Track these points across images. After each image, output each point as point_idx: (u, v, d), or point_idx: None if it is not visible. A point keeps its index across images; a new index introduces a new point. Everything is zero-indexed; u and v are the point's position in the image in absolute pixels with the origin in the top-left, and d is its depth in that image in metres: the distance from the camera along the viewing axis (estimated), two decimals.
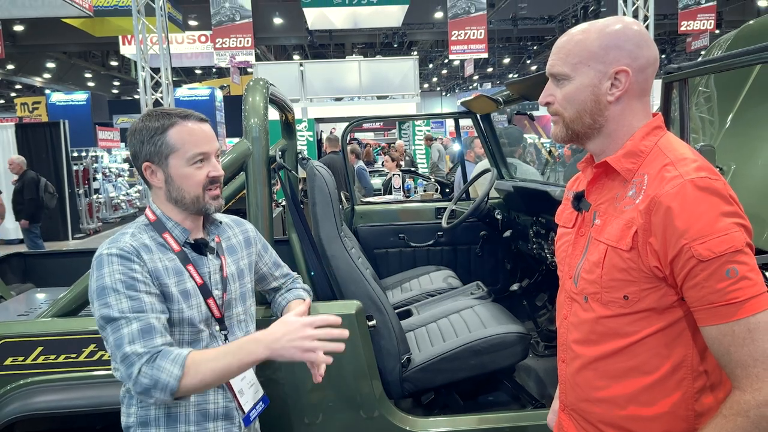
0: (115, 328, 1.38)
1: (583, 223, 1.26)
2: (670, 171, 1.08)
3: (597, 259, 1.16)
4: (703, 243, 1.02)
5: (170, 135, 1.48)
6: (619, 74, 1.15)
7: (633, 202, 1.12)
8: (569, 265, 1.28)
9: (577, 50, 1.17)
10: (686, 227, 1.03)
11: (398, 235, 3.71)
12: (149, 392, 1.37)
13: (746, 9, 17.93)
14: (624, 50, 1.15)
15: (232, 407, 1.56)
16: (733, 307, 1.01)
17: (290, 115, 2.80)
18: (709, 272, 1.02)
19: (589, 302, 1.19)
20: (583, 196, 1.27)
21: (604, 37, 1.15)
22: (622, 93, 1.16)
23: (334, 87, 14.29)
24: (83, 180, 12.58)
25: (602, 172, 1.23)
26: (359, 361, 2.04)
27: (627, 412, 1.16)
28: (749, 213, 2.54)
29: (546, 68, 1.25)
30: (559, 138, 1.24)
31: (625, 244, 1.10)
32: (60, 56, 22.70)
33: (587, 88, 1.16)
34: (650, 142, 1.17)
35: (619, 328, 1.15)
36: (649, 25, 9.23)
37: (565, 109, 1.20)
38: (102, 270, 1.42)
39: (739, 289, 1.01)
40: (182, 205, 1.52)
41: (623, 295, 1.13)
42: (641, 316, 1.12)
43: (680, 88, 1.74)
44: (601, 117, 1.18)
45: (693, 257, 1.02)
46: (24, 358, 1.91)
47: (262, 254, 1.78)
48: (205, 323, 1.53)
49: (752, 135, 2.67)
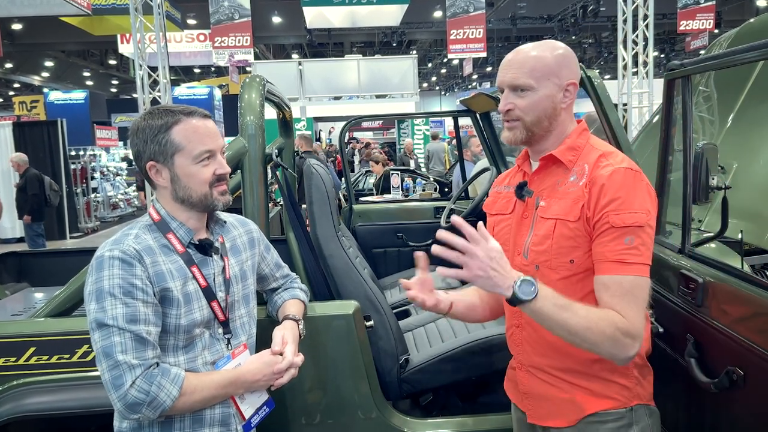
0: (106, 335, 1.36)
1: (526, 207, 1.49)
2: (604, 161, 1.39)
3: (546, 233, 1.41)
4: (618, 215, 1.32)
5: (174, 133, 1.45)
6: (570, 86, 1.44)
7: (577, 184, 1.39)
8: (515, 244, 1.50)
9: (540, 66, 1.42)
10: (609, 201, 1.33)
11: (396, 235, 3.69)
12: (138, 408, 1.35)
13: (745, 8, 17.93)
14: (571, 68, 1.45)
15: (230, 413, 1.52)
16: (623, 265, 1.31)
17: (287, 112, 2.78)
18: (615, 236, 1.32)
19: (540, 269, 1.42)
20: (525, 185, 1.50)
21: (558, 58, 1.43)
22: (570, 102, 1.46)
23: (332, 86, 14.28)
24: (81, 179, 12.56)
25: (546, 164, 1.48)
26: (357, 362, 2.02)
27: (577, 357, 1.41)
28: (751, 211, 2.52)
29: (502, 81, 1.47)
30: (517, 140, 1.47)
31: (574, 215, 1.37)
32: (58, 55, 22.66)
33: (548, 97, 1.42)
34: (583, 139, 1.47)
35: (565, 289, 1.36)
36: (649, 24, 9.19)
37: (526, 114, 1.43)
38: (101, 272, 1.39)
39: (631, 254, 1.31)
40: (189, 203, 1.49)
41: (570, 260, 1.39)
42: (583, 277, 1.39)
43: (683, 85, 1.72)
44: (555, 121, 1.45)
45: (608, 222, 1.32)
46: (16, 358, 1.88)
47: (265, 255, 1.75)
48: (206, 326, 1.51)
49: (754, 134, 2.65)
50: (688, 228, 1.78)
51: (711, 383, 1.51)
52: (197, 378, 1.44)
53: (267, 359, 1.52)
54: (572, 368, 1.43)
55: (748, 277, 1.50)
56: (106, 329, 1.35)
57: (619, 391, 1.41)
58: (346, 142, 17.48)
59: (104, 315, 1.36)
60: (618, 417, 1.40)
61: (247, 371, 1.50)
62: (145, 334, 1.37)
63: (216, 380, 1.46)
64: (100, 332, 1.36)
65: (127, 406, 1.34)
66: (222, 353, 1.53)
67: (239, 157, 2.00)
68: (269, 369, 1.51)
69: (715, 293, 1.60)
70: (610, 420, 1.40)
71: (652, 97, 9.19)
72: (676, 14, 14.52)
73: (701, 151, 1.74)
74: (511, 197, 1.56)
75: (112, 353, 1.34)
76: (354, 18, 14.28)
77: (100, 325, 1.36)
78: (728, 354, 1.49)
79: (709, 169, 1.75)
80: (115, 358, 1.34)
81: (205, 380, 1.44)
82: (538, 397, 1.50)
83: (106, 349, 1.35)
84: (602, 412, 1.41)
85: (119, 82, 28.81)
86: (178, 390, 1.37)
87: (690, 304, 1.68)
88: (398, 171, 6.70)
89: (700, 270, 1.68)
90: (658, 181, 1.97)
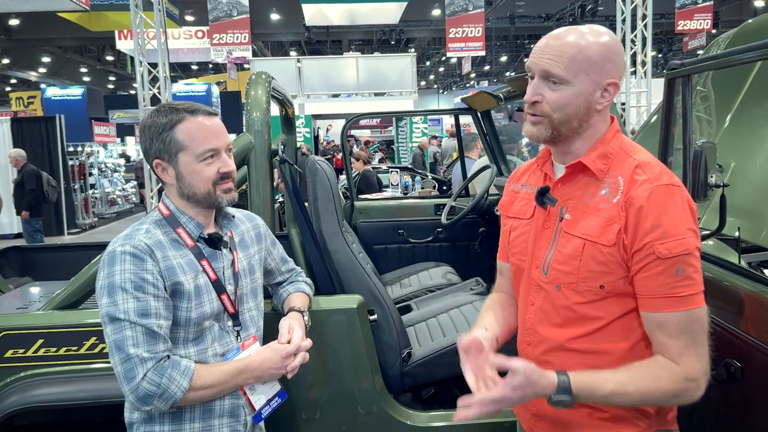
0: (118, 329, 1.38)
1: (548, 216, 1.33)
2: (640, 175, 1.22)
3: (572, 252, 1.25)
4: (664, 244, 1.16)
5: (178, 131, 1.46)
6: (610, 86, 1.24)
7: (609, 201, 1.23)
8: (533, 256, 1.35)
9: (581, 58, 1.21)
10: (652, 227, 1.18)
11: (397, 231, 3.72)
12: (149, 400, 1.38)
13: (743, 9, 17.99)
14: (615, 64, 1.24)
15: (239, 404, 1.55)
16: (677, 300, 1.17)
17: (290, 109, 2.80)
18: (663, 268, 1.17)
19: (563, 290, 1.28)
20: (547, 191, 1.33)
21: (602, 49, 1.22)
22: (607, 104, 1.25)
23: (331, 83, 14.28)
24: (79, 175, 12.54)
25: (573, 171, 1.30)
26: (360, 356, 2.05)
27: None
28: (749, 210, 2.55)
29: (533, 64, 1.26)
30: (540, 138, 1.28)
31: (608, 240, 1.21)
32: (55, 51, 22.58)
33: (583, 95, 1.23)
34: (616, 144, 1.28)
35: (589, 313, 1.26)
36: (648, 24, 9.23)
37: (555, 111, 1.24)
38: (113, 267, 1.41)
39: (684, 286, 1.17)
40: (194, 200, 1.51)
41: (600, 285, 1.24)
42: (612, 301, 1.24)
43: (683, 85, 1.75)
44: (586, 123, 1.26)
45: (653, 253, 1.17)
46: (24, 350, 1.90)
47: (271, 250, 1.78)
48: (215, 318, 1.53)
49: (752, 134, 2.68)
50: None
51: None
52: (207, 369, 1.46)
53: (275, 347, 1.55)
54: None
55: (747, 272, 1.54)
56: (118, 323, 1.38)
57: (639, 417, 1.29)
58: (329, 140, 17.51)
59: (116, 309, 1.38)
60: None
61: (255, 360, 1.52)
62: (156, 327, 1.39)
63: (225, 370, 1.49)
64: (112, 326, 1.39)
65: (138, 398, 1.37)
66: (231, 345, 1.55)
67: (245, 153, 2.03)
68: (278, 356, 1.53)
69: (713, 288, 1.63)
70: None
71: (650, 96, 9.24)
72: (674, 14, 14.57)
73: (700, 149, 1.77)
74: (530, 200, 1.40)
75: (123, 347, 1.37)
76: (353, 15, 14.28)
77: (112, 319, 1.39)
78: (725, 347, 1.52)
79: (707, 167, 1.78)
80: (126, 352, 1.37)
81: (214, 371, 1.47)
82: (551, 420, 1.36)
83: (118, 343, 1.38)
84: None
85: (116, 79, 28.74)
86: (189, 382, 1.41)
87: None
88: (397, 169, 6.71)
89: None
90: None
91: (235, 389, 1.53)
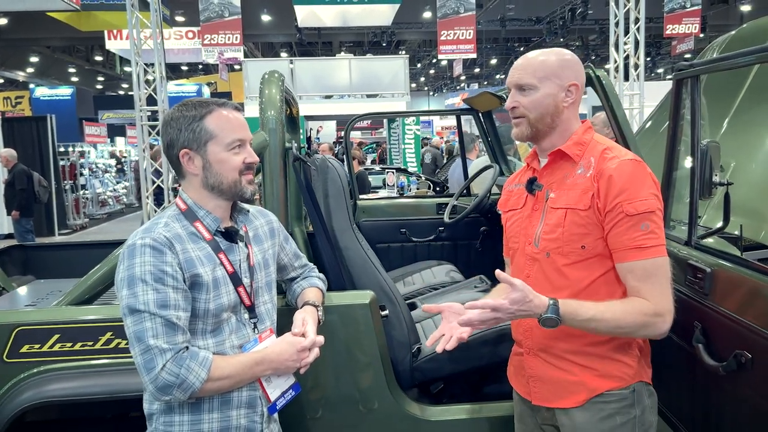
0: (138, 320, 1.41)
1: (536, 200, 1.61)
2: (609, 153, 1.52)
3: (557, 221, 1.53)
4: (631, 203, 1.43)
5: (208, 121, 1.51)
6: (571, 87, 1.56)
7: (584, 176, 1.51)
8: (526, 235, 1.62)
9: (543, 67, 1.55)
10: (620, 191, 1.44)
11: (400, 230, 3.75)
12: (169, 390, 1.40)
13: (730, 13, 18.22)
14: (572, 70, 1.57)
15: (256, 396, 1.58)
16: (644, 250, 1.43)
17: (294, 109, 2.83)
18: (631, 224, 1.43)
19: (551, 256, 1.54)
20: (535, 180, 1.62)
21: (560, 61, 1.56)
22: (572, 102, 1.57)
23: (324, 85, 14.27)
24: (70, 175, 12.46)
25: (554, 159, 1.60)
26: (373, 350, 2.07)
27: (586, 338, 1.52)
28: (749, 208, 2.61)
29: (509, 81, 1.60)
30: (523, 135, 1.60)
31: (584, 204, 1.48)
32: (44, 50, 22.38)
33: (550, 96, 1.54)
34: (588, 136, 1.59)
35: (574, 274, 1.51)
36: (640, 28, 9.33)
37: (530, 111, 1.56)
38: (133, 260, 1.44)
39: (648, 238, 1.43)
40: (218, 191, 1.54)
41: (581, 245, 1.50)
42: (593, 261, 1.50)
43: (692, 86, 1.80)
44: (558, 119, 1.57)
45: (622, 212, 1.43)
46: (40, 345, 1.91)
47: (284, 245, 1.81)
48: (233, 310, 1.56)
49: (751, 134, 2.75)
50: (694, 221, 1.86)
51: (719, 366, 1.59)
52: (225, 360, 1.49)
53: (290, 339, 1.59)
54: (581, 350, 1.54)
55: (754, 265, 1.59)
56: (138, 315, 1.41)
57: (623, 369, 1.53)
58: (334, 142, 17.50)
59: (136, 301, 1.41)
60: (621, 398, 1.52)
61: (272, 351, 1.55)
62: (175, 319, 1.42)
63: (243, 361, 1.51)
64: (132, 317, 1.41)
65: (158, 388, 1.40)
66: (248, 337, 1.58)
67: (260, 150, 2.05)
68: (293, 348, 1.56)
69: (722, 282, 1.68)
70: (614, 400, 1.52)
71: (642, 99, 9.35)
72: (662, 18, 14.73)
73: (705, 148, 1.82)
74: (522, 193, 1.67)
75: (143, 338, 1.39)
76: (345, 17, 14.28)
77: (132, 310, 1.41)
78: (736, 338, 1.57)
79: (712, 166, 1.83)
80: (146, 343, 1.39)
81: (232, 362, 1.50)
82: (547, 379, 1.59)
83: (138, 334, 1.40)
84: (607, 392, 1.52)
85: (105, 79, 28.52)
86: (207, 372, 1.43)
87: (698, 293, 1.76)
88: (393, 170, 6.75)
89: (707, 260, 1.76)
90: (664, 177, 2.05)
91: (252, 380, 1.55)
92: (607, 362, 1.53)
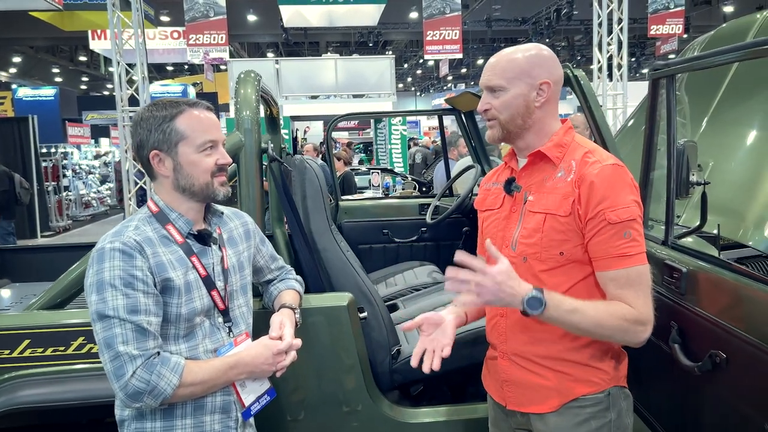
0: (108, 326, 1.38)
1: (514, 202, 1.56)
2: (590, 157, 1.46)
3: (535, 226, 1.47)
4: (614, 211, 1.39)
5: (179, 122, 1.48)
6: (543, 85, 1.49)
7: (565, 180, 1.46)
8: (503, 237, 1.56)
9: (511, 67, 1.48)
10: (602, 198, 1.40)
11: (382, 231, 3.73)
12: (139, 397, 1.37)
13: (712, 14, 18.41)
14: (543, 68, 1.49)
15: (230, 401, 1.55)
16: (626, 258, 1.40)
17: (275, 109, 2.80)
18: (614, 232, 1.39)
19: (528, 261, 1.49)
20: (513, 181, 1.57)
21: (530, 58, 1.49)
22: (545, 100, 1.50)
23: (309, 85, 14.20)
24: (53, 177, 12.31)
25: (533, 160, 1.54)
26: (351, 353, 2.06)
27: (562, 345, 1.49)
28: (727, 208, 2.63)
29: (481, 83, 1.54)
30: (495, 138, 1.54)
31: (564, 211, 1.43)
32: (26, 50, 22.10)
33: (520, 96, 1.48)
34: (569, 137, 1.53)
35: (551, 280, 1.46)
36: (623, 28, 9.40)
37: (501, 113, 1.50)
38: (102, 264, 1.41)
39: (630, 246, 1.40)
40: (190, 193, 1.52)
41: (560, 252, 1.45)
42: (571, 267, 1.46)
43: (668, 84, 1.80)
44: (530, 119, 1.50)
45: (605, 220, 1.39)
46: (10, 351, 1.87)
47: (260, 247, 1.79)
48: (206, 314, 1.53)
49: (729, 134, 2.76)
50: (671, 220, 1.86)
51: (695, 366, 1.59)
52: (198, 365, 1.46)
53: (266, 342, 1.57)
54: (556, 356, 1.51)
55: (730, 266, 1.59)
56: (108, 320, 1.38)
57: (599, 375, 1.50)
58: (320, 142, 17.45)
59: (105, 306, 1.38)
60: (597, 402, 1.50)
61: (247, 355, 1.53)
62: (146, 324, 1.39)
63: (217, 366, 1.49)
64: (102, 323, 1.38)
65: (128, 395, 1.37)
66: (223, 341, 1.56)
67: (236, 151, 2.02)
68: (269, 351, 1.54)
69: (698, 282, 1.68)
70: (589, 405, 1.49)
71: (626, 98, 9.41)
72: (646, 19, 14.83)
73: (682, 148, 1.82)
74: (499, 193, 1.62)
75: (113, 344, 1.37)
76: (331, 17, 14.22)
77: (101, 316, 1.38)
78: (711, 339, 1.57)
79: (689, 165, 1.83)
80: (116, 349, 1.36)
81: (205, 367, 1.47)
82: (521, 384, 1.56)
83: (107, 340, 1.37)
84: (582, 397, 1.49)
85: (89, 79, 28.22)
86: (178, 378, 1.40)
87: (674, 293, 1.76)
88: (378, 170, 6.73)
89: (683, 260, 1.76)
90: (642, 177, 2.05)
91: (227, 385, 1.53)
92: (583, 368, 1.50)
